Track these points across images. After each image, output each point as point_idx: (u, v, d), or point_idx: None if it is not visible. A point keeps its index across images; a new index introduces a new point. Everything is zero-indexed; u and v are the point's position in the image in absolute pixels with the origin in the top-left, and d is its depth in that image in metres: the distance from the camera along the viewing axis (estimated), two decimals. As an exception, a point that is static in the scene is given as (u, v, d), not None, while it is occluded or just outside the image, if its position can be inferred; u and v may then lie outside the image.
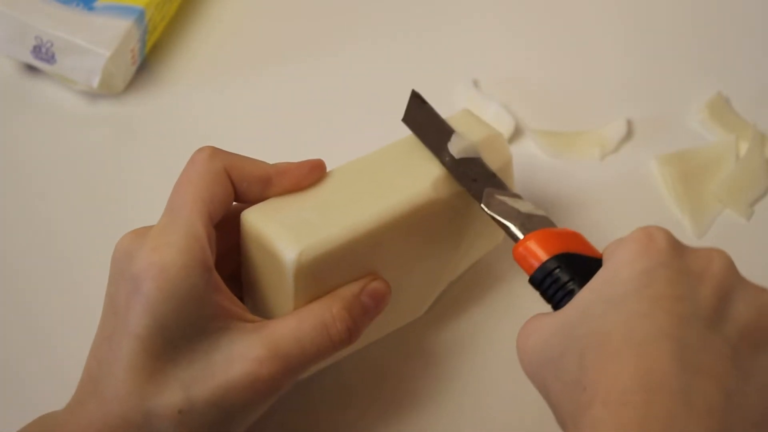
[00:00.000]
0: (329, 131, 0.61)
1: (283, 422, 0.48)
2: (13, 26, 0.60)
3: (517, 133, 0.60)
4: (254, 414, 0.42)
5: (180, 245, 0.40)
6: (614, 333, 0.37)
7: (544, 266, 0.42)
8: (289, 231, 0.42)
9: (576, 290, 0.41)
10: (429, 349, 0.52)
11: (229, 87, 0.63)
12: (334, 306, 0.43)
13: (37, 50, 0.60)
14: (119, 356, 0.39)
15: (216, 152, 0.43)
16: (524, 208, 0.46)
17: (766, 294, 0.38)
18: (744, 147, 0.60)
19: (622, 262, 0.39)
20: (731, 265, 0.39)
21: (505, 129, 0.60)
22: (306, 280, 0.42)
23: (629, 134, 0.60)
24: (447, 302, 0.53)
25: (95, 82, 0.59)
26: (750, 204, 0.58)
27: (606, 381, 0.36)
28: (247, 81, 0.63)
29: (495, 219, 0.46)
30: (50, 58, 0.60)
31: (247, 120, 0.62)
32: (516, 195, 0.47)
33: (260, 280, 0.45)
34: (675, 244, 0.39)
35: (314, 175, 0.45)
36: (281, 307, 0.44)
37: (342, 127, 0.61)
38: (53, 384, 0.50)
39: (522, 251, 0.44)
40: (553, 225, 0.45)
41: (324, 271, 0.43)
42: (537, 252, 0.43)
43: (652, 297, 0.37)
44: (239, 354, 0.40)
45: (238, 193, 0.44)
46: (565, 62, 0.65)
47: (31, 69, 0.62)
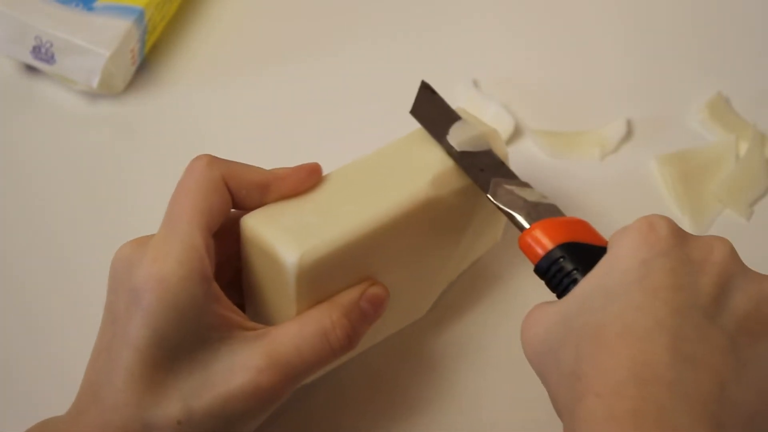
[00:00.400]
0: (329, 131, 0.61)
1: (282, 425, 0.48)
2: (13, 26, 0.60)
3: (517, 133, 0.60)
4: (254, 423, 0.42)
5: (179, 257, 0.39)
6: (610, 325, 0.37)
7: (549, 255, 0.42)
8: (290, 234, 0.42)
9: (580, 279, 0.41)
10: (428, 352, 0.51)
11: (229, 87, 0.63)
12: (334, 313, 0.43)
13: (37, 50, 0.60)
14: (118, 366, 0.39)
15: (213, 160, 0.43)
16: (531, 197, 0.46)
17: (767, 283, 0.38)
18: (744, 147, 0.60)
19: (623, 252, 0.39)
20: (733, 254, 0.39)
21: (505, 129, 0.60)
22: (308, 283, 0.42)
23: (629, 134, 0.60)
24: (446, 304, 0.53)
25: (95, 82, 0.59)
26: (750, 204, 0.58)
27: (600, 373, 0.36)
28: (247, 81, 0.63)
29: (501, 209, 0.46)
30: (50, 58, 0.60)
31: (247, 120, 0.62)
32: (524, 184, 0.47)
33: (261, 286, 0.44)
34: (676, 233, 0.39)
35: (312, 180, 0.45)
36: (283, 312, 0.44)
37: (342, 127, 0.61)
38: (53, 384, 0.50)
39: (527, 240, 0.44)
40: (561, 214, 0.45)
41: (325, 274, 0.43)
42: (542, 241, 0.43)
43: (650, 288, 0.37)
44: (239, 363, 0.40)
45: (237, 201, 0.44)
46: (565, 62, 0.65)
47: (31, 69, 0.62)
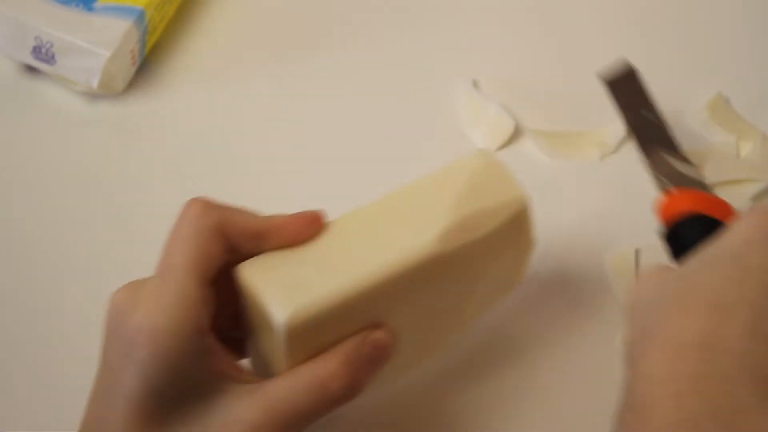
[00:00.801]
0: (329, 130, 0.61)
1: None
2: (13, 26, 0.60)
3: (517, 134, 0.60)
4: None
5: (171, 310, 0.39)
6: (696, 290, 0.37)
7: (681, 222, 0.46)
8: (282, 291, 0.40)
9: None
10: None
11: (229, 87, 0.63)
12: (332, 362, 0.41)
13: (37, 51, 0.60)
14: (114, 415, 0.39)
15: (208, 207, 0.41)
16: (685, 171, 0.50)
17: None
18: (744, 147, 0.60)
19: (736, 230, 0.39)
20: None
21: (505, 129, 0.60)
22: (299, 341, 0.41)
23: (629, 134, 0.60)
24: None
25: (95, 83, 0.59)
26: (750, 204, 0.58)
27: (668, 333, 0.36)
28: (247, 81, 0.63)
29: (650, 173, 0.51)
30: (50, 59, 0.60)
31: (247, 120, 0.62)
32: (687, 160, 0.51)
33: (257, 334, 0.43)
34: None
35: (311, 230, 0.43)
36: (276, 365, 0.42)
37: (341, 127, 0.61)
38: (53, 384, 0.50)
39: (664, 202, 0.47)
40: (708, 190, 0.48)
41: (320, 330, 0.41)
42: (679, 205, 0.46)
43: (747, 265, 0.37)
44: (234, 418, 0.39)
45: (233, 248, 0.42)
46: (565, 62, 0.65)
47: (31, 69, 0.62)
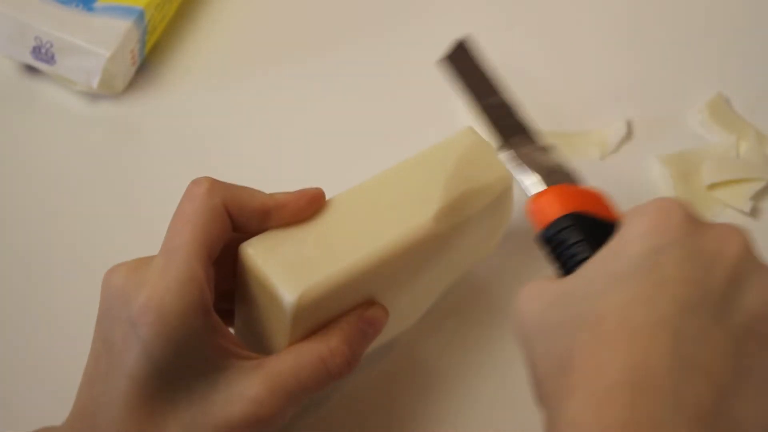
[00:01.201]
0: (329, 130, 0.61)
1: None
2: (13, 26, 0.60)
3: (517, 134, 0.60)
4: None
5: (178, 289, 0.39)
6: (611, 316, 0.35)
7: (555, 224, 0.40)
8: (289, 271, 0.42)
9: (581, 255, 0.39)
10: (420, 358, 0.51)
11: (229, 87, 0.63)
12: (332, 340, 0.43)
13: (37, 51, 0.60)
14: (116, 397, 0.39)
15: (213, 186, 0.42)
16: (548, 162, 0.44)
17: None
18: (744, 147, 0.60)
19: (634, 235, 0.37)
20: (748, 247, 0.36)
21: (505, 129, 0.60)
22: (304, 320, 0.42)
23: (629, 134, 0.60)
24: (437, 311, 0.52)
25: (95, 83, 0.59)
26: (750, 203, 0.58)
27: (593, 370, 0.34)
28: (248, 81, 0.63)
29: (513, 174, 0.44)
30: (50, 59, 0.60)
31: (247, 120, 0.62)
32: (545, 147, 0.45)
33: (256, 313, 0.44)
34: (690, 220, 0.37)
35: (313, 207, 0.44)
36: (277, 342, 0.43)
37: (341, 126, 0.61)
38: (53, 384, 0.50)
39: (534, 206, 0.41)
40: (577, 181, 0.43)
41: (322, 308, 0.42)
42: (550, 207, 0.40)
43: (658, 281, 0.35)
44: (238, 394, 0.40)
45: (236, 226, 0.43)
46: (566, 62, 0.65)
47: (31, 69, 0.62)
